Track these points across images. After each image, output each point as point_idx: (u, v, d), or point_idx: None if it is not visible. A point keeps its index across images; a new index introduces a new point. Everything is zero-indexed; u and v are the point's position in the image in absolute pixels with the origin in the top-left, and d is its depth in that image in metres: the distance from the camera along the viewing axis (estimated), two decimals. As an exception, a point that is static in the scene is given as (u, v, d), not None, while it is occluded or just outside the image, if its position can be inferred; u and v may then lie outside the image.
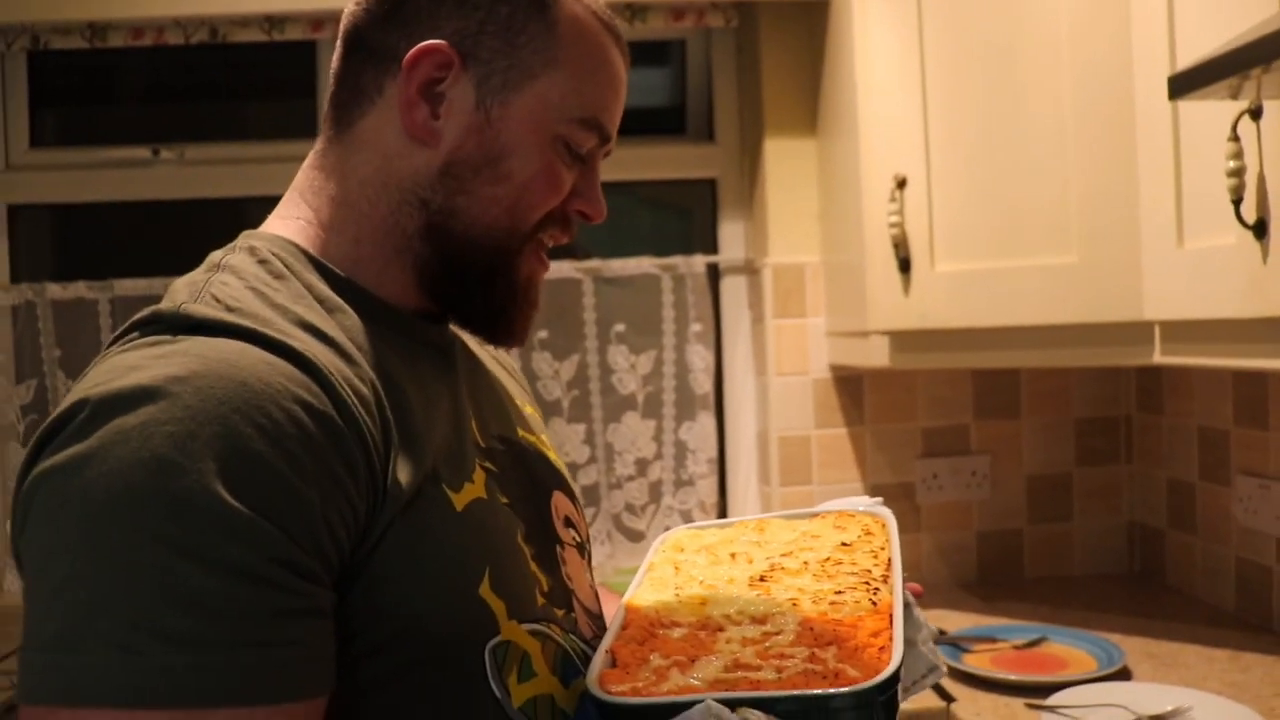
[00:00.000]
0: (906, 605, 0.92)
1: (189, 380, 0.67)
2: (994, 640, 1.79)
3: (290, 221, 0.88)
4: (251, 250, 0.84)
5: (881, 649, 0.76)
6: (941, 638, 1.78)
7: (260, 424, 0.67)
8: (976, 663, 1.68)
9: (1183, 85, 1.16)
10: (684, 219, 2.50)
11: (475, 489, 0.84)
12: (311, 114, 2.32)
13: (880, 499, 1.06)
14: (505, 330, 0.92)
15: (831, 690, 0.71)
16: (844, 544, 0.96)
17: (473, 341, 1.03)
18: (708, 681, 0.74)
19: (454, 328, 0.97)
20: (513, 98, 0.85)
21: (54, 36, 2.08)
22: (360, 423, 0.74)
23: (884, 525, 1.00)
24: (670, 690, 0.73)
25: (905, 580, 0.94)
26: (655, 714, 0.71)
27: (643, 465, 2.30)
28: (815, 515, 1.06)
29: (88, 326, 2.20)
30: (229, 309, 0.75)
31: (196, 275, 0.82)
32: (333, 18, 2.09)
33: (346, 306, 0.83)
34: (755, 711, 0.68)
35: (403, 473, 0.76)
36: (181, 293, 0.78)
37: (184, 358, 0.70)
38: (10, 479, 2.21)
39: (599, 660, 0.79)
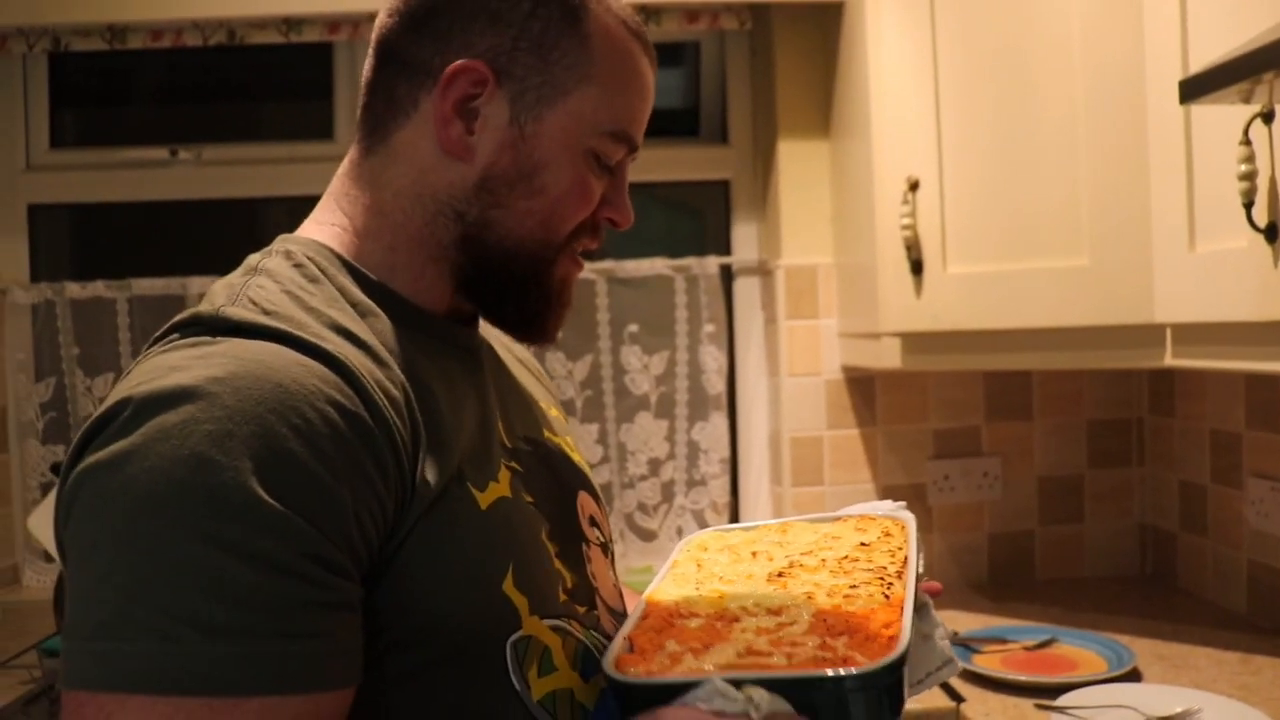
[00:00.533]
0: (923, 604, 0.93)
1: (227, 381, 0.70)
2: (1004, 641, 1.79)
3: (326, 227, 0.90)
4: (288, 254, 0.86)
5: (891, 638, 0.77)
6: (952, 638, 1.78)
7: (295, 424, 0.70)
8: (986, 663, 1.69)
9: (1194, 89, 1.17)
10: (697, 219, 2.51)
11: (500, 488, 0.86)
12: (328, 115, 2.34)
13: (903, 503, 1.08)
14: (539, 330, 0.94)
15: (835, 672, 0.72)
16: (862, 544, 0.98)
17: (499, 344, 1.05)
18: (720, 666, 0.75)
19: (484, 329, 0.99)
20: (546, 113, 0.87)
21: (74, 38, 2.10)
22: (390, 423, 0.76)
23: (903, 527, 1.01)
24: (682, 672, 0.75)
25: (924, 580, 0.95)
26: (666, 693, 0.73)
27: (655, 465, 2.32)
28: (838, 519, 1.07)
29: (106, 325, 2.23)
30: (265, 312, 0.78)
31: (234, 278, 0.84)
32: (349, 20, 2.10)
33: (378, 310, 0.85)
34: (759, 689, 0.70)
35: (430, 472, 0.79)
36: (220, 295, 0.81)
37: (223, 359, 0.72)
38: (29, 476, 2.24)
39: (617, 645, 0.82)
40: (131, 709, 0.64)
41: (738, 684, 0.71)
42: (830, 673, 0.72)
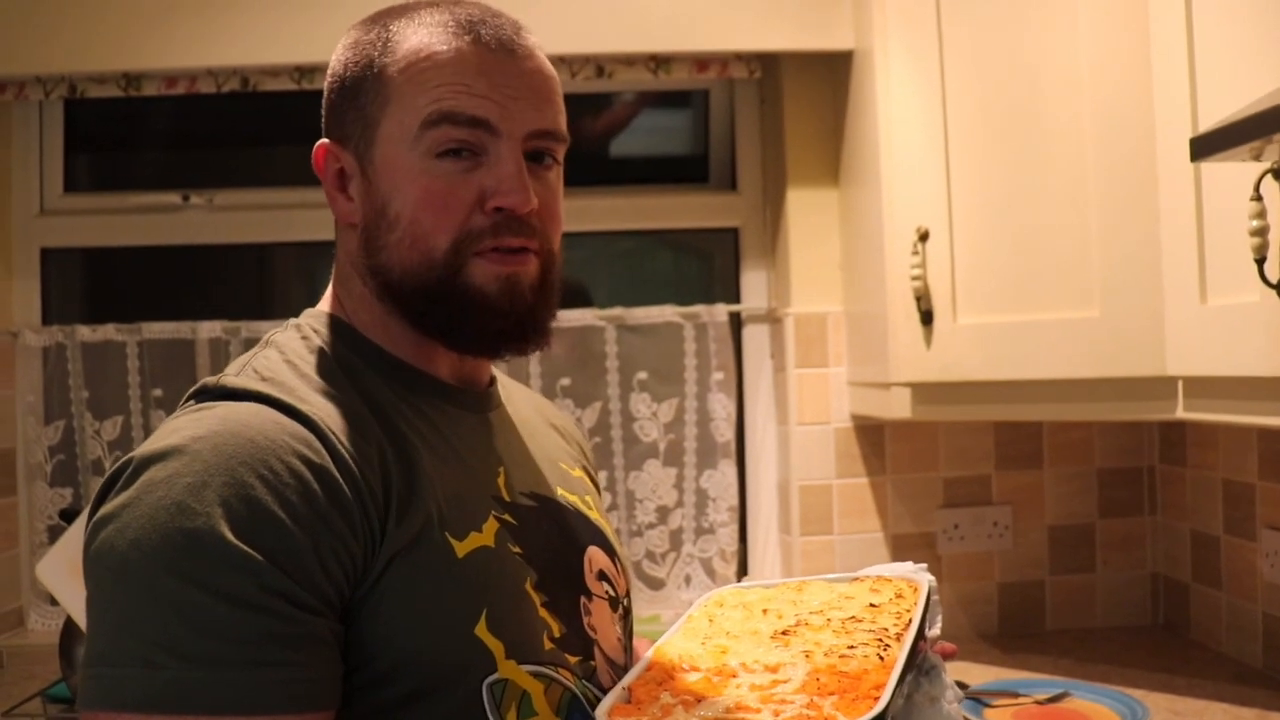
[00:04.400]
0: (933, 666, 0.93)
1: (208, 439, 0.80)
2: (1015, 694, 1.77)
3: (334, 299, 1.00)
4: (298, 328, 0.97)
5: (877, 700, 0.78)
6: (962, 692, 1.77)
7: (262, 474, 0.79)
8: (998, 718, 1.67)
9: (1205, 148, 1.17)
10: (706, 264, 2.52)
11: (482, 538, 0.91)
12: (339, 161, 2.36)
13: (924, 565, 1.07)
14: (502, 343, 0.96)
15: None
16: (872, 605, 0.98)
17: (530, 408, 1.12)
18: (706, 719, 0.78)
19: (508, 396, 1.06)
20: (374, 151, 0.92)
21: (91, 85, 2.12)
22: (358, 476, 0.83)
23: (916, 589, 1.01)
24: None
25: (937, 642, 0.95)
26: None
27: (664, 513, 2.31)
28: (856, 579, 1.07)
29: (116, 369, 2.23)
30: (263, 379, 0.87)
31: (251, 351, 0.94)
32: (362, 68, 2.12)
33: (373, 373, 0.94)
34: None
35: (403, 520, 0.85)
36: (232, 366, 0.91)
37: (210, 420, 0.82)
38: (36, 519, 2.24)
39: (615, 694, 0.85)
40: None
41: None
42: None
